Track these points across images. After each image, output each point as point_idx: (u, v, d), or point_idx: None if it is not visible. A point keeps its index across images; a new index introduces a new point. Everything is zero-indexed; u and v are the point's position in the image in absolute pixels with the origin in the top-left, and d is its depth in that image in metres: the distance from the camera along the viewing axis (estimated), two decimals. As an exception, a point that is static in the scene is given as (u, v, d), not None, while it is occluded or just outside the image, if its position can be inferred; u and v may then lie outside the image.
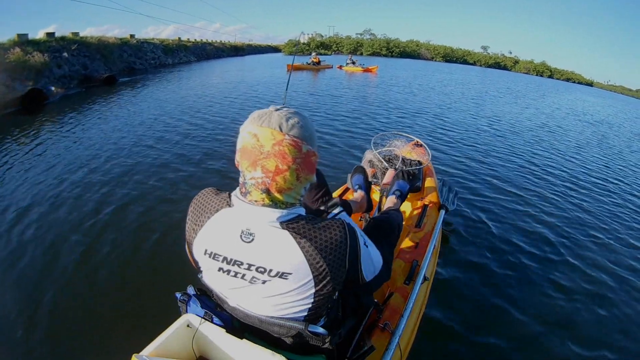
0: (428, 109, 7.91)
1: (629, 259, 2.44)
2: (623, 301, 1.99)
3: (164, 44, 15.60)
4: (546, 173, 4.16)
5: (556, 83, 41.45)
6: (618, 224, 2.99)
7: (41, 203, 2.59)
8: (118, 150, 3.83)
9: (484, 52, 64.58)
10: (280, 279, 0.65)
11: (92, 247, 2.10)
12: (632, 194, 3.87)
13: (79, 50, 9.10)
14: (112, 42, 11.42)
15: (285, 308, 0.70)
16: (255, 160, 0.64)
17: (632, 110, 19.21)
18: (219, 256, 0.68)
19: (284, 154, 0.63)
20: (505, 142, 5.48)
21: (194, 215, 0.72)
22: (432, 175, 2.35)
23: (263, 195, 0.65)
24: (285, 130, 0.63)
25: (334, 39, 52.42)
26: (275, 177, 0.64)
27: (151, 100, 6.76)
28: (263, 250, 0.65)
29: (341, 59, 19.17)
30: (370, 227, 1.01)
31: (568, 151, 5.54)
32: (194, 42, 19.89)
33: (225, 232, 0.67)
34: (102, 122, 5.09)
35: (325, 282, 0.65)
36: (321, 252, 0.64)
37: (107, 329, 1.53)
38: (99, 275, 1.87)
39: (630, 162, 5.55)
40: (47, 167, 3.30)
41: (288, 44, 38.12)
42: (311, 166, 0.69)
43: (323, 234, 0.65)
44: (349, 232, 0.67)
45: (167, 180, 3.07)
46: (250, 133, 0.64)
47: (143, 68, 12.71)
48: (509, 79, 29.02)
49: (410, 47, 54.22)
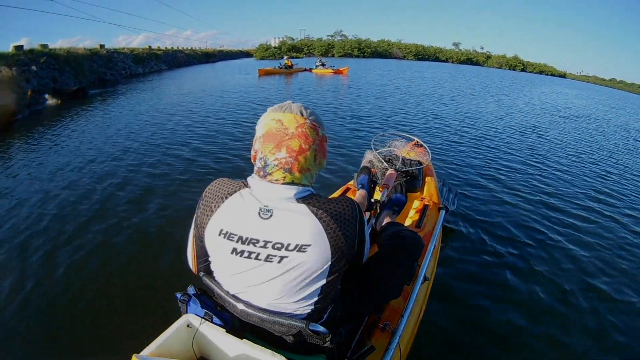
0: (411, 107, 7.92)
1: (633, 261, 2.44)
2: (625, 303, 1.99)
3: (134, 53, 15.12)
4: (545, 172, 4.16)
5: (529, 76, 41.28)
6: (624, 224, 2.98)
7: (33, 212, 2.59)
8: (103, 154, 3.83)
9: (456, 49, 64.53)
10: (298, 253, 0.68)
11: (92, 248, 2.10)
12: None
13: (48, 63, 8.68)
14: (81, 53, 10.99)
15: (298, 290, 0.71)
16: (280, 141, 0.71)
17: (610, 100, 19.18)
18: (234, 235, 0.70)
19: (306, 134, 0.72)
20: (504, 142, 5.48)
21: (207, 201, 0.74)
22: (432, 175, 2.35)
23: (285, 174, 0.71)
24: (305, 115, 0.74)
25: (305, 41, 52.06)
26: (298, 156, 0.71)
27: (123, 113, 6.31)
28: (281, 225, 0.68)
29: (313, 61, 18.79)
30: (398, 245, 1.01)
31: (566, 146, 5.55)
32: (165, 50, 19.46)
33: (242, 211, 0.70)
34: (75, 138, 4.66)
35: (340, 254, 0.70)
36: (337, 222, 0.69)
37: (107, 329, 1.53)
38: (99, 275, 1.87)
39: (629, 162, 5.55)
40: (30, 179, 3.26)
41: (259, 48, 37.94)
42: (324, 150, 0.78)
43: (337, 206, 0.71)
44: (358, 208, 0.74)
45: (164, 183, 3.08)
46: (274, 119, 0.72)
47: (114, 79, 12.23)
48: (482, 74, 28.67)
49: (382, 47, 54.25)
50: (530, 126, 7.23)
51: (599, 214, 3.13)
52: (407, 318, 1.15)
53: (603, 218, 3.07)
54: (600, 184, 4.04)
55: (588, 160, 5.12)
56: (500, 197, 3.20)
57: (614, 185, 4.09)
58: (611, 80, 73.90)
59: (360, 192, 1.52)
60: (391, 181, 1.66)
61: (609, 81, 73.06)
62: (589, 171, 4.54)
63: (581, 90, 26.08)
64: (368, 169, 1.65)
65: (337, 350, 0.80)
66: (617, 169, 4.89)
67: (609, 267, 2.31)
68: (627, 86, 69.19)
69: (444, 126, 6.22)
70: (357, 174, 1.66)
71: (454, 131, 5.88)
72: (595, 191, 3.76)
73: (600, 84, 68.89)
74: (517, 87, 18.78)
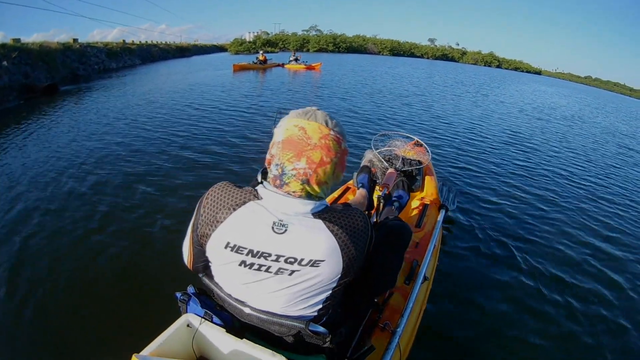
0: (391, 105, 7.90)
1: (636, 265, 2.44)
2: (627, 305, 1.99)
3: (108, 47, 14.61)
4: (545, 171, 4.16)
5: (505, 73, 41.24)
6: (627, 224, 2.98)
7: (36, 208, 2.59)
8: (93, 154, 3.83)
9: (431, 45, 64.81)
10: (311, 267, 0.67)
11: (92, 248, 2.10)
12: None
13: (20, 57, 8.21)
14: (54, 47, 10.48)
15: (303, 300, 0.71)
16: (301, 150, 0.67)
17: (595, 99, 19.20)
18: (244, 249, 0.67)
19: (329, 147, 0.68)
20: (503, 141, 5.48)
21: (211, 209, 0.70)
22: (432, 175, 2.35)
23: (303, 185, 0.68)
24: (330, 126, 0.70)
25: (280, 36, 51.74)
26: (318, 168, 0.68)
27: (96, 111, 5.96)
28: (296, 241, 0.66)
29: (287, 55, 18.17)
30: (384, 234, 1.00)
31: (567, 146, 5.55)
32: (139, 44, 18.89)
33: (253, 224, 0.67)
34: (52, 135, 4.43)
35: (350, 268, 0.69)
36: (351, 237, 0.68)
37: (107, 329, 1.53)
38: (99, 275, 1.87)
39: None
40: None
41: (234, 42, 37.64)
42: (344, 164, 0.74)
43: (350, 222, 0.69)
44: (368, 220, 0.73)
45: (162, 183, 3.07)
46: (297, 126, 0.69)
47: (87, 74, 11.72)
48: (458, 71, 28.51)
49: (357, 42, 54.41)
50: (531, 125, 7.24)
51: (602, 214, 3.13)
52: (407, 318, 1.15)
53: (606, 218, 3.07)
54: (602, 184, 4.04)
55: (589, 159, 5.12)
56: (500, 197, 3.20)
57: (618, 184, 4.09)
58: (587, 78, 74.37)
59: (361, 191, 1.51)
60: (391, 180, 1.66)
61: (585, 79, 73.57)
62: (590, 170, 4.54)
63: (560, 88, 26.08)
64: (368, 168, 1.65)
65: (337, 350, 0.80)
66: (620, 168, 4.89)
67: (611, 267, 2.31)
68: (602, 84, 69.85)
69: (442, 126, 6.22)
70: (357, 173, 1.66)
71: (455, 131, 5.88)
72: (597, 191, 3.76)
73: (576, 81, 69.51)
74: (505, 85, 18.73)
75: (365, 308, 1.04)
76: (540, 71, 71.61)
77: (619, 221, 3.05)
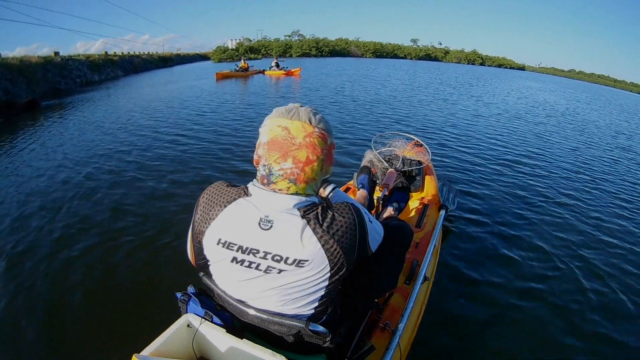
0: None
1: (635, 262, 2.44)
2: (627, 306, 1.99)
3: (90, 60, 14.39)
4: (547, 171, 4.16)
5: (489, 70, 41.05)
6: (629, 224, 2.98)
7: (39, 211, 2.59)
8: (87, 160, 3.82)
9: (414, 45, 64.72)
10: (297, 267, 0.67)
11: (92, 248, 2.10)
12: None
13: (1, 73, 8.05)
14: (35, 61, 10.20)
15: (297, 299, 0.70)
16: (286, 151, 0.67)
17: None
18: (234, 245, 0.68)
19: (314, 145, 0.68)
20: (504, 142, 5.48)
21: (206, 207, 0.72)
22: (432, 175, 2.35)
23: (290, 184, 0.68)
24: (314, 123, 0.69)
25: (263, 42, 51.54)
26: (305, 167, 0.68)
27: (77, 126, 5.71)
28: (280, 238, 0.66)
29: (269, 62, 17.58)
30: (385, 235, 1.00)
31: (568, 145, 5.54)
32: (121, 55, 18.74)
33: (242, 220, 0.68)
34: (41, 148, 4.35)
35: (339, 266, 0.68)
36: (335, 237, 0.67)
37: (107, 329, 1.53)
38: (99, 275, 1.87)
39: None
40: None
41: (216, 50, 37.55)
42: (331, 158, 0.74)
43: (336, 219, 0.68)
44: (356, 214, 0.71)
45: (163, 184, 3.08)
46: (281, 126, 0.68)
47: (68, 88, 11.35)
48: (441, 70, 28.21)
49: (340, 45, 54.02)
50: (531, 125, 7.23)
51: (606, 215, 3.12)
52: (407, 318, 1.15)
53: (610, 218, 3.06)
54: (605, 184, 4.03)
55: (593, 156, 5.12)
56: (501, 197, 3.20)
57: (623, 185, 4.08)
58: (570, 71, 74.68)
59: (361, 191, 1.52)
60: (391, 180, 1.66)
61: (568, 72, 73.85)
62: (592, 169, 4.53)
63: (545, 84, 25.82)
64: (368, 169, 1.66)
65: (337, 350, 0.80)
66: (622, 167, 4.89)
67: (613, 268, 2.31)
68: (586, 76, 70.05)
69: (439, 125, 6.22)
70: (357, 173, 1.67)
71: (455, 131, 5.88)
72: (600, 191, 3.75)
73: (560, 75, 69.86)
74: (496, 83, 18.62)
75: (366, 308, 1.04)
76: (524, 67, 71.75)
77: (624, 223, 3.04)
